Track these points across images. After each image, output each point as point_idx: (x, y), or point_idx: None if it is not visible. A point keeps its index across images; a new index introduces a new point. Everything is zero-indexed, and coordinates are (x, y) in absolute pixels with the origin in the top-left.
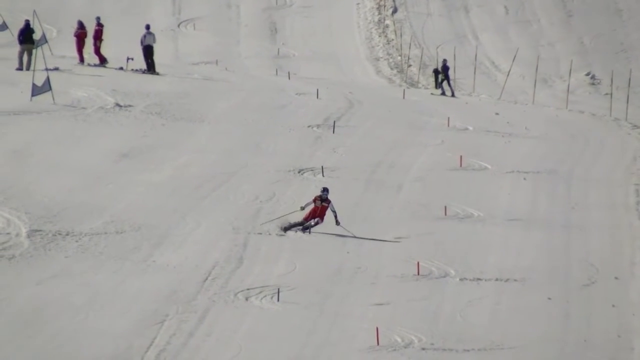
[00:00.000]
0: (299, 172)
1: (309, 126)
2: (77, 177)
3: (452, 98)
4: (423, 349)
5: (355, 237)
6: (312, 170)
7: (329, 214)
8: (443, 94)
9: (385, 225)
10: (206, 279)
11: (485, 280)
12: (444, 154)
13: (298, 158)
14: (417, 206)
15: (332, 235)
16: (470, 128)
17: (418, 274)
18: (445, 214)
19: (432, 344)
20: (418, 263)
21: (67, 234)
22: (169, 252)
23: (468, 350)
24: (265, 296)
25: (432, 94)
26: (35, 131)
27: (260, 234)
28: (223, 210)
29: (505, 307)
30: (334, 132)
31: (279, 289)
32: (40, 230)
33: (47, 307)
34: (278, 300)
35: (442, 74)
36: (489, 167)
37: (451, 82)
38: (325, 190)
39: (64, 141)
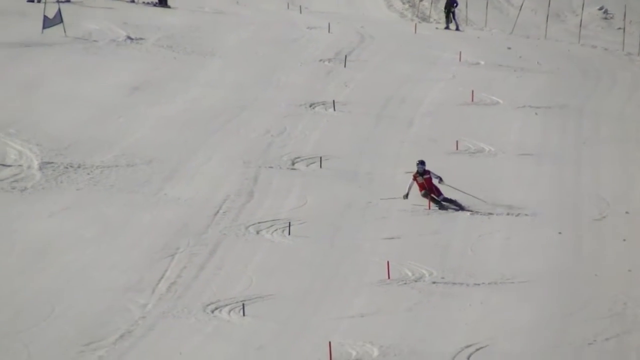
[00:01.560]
0: (310, 106)
1: (320, 60)
2: (88, 110)
3: (463, 33)
4: (434, 282)
5: (483, 201)
6: (323, 104)
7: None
8: (447, 27)
9: (396, 160)
10: (217, 212)
11: (496, 214)
12: (455, 88)
13: (309, 92)
14: (428, 141)
15: (343, 169)
16: (482, 63)
17: (429, 208)
18: (457, 148)
19: (443, 277)
20: (429, 197)
21: (79, 167)
22: (180, 186)
23: (478, 284)
24: (276, 230)
25: (436, 28)
26: (46, 64)
27: (272, 167)
28: (234, 144)
29: (516, 241)
30: (345, 66)
31: (289, 223)
32: (51, 163)
33: (59, 240)
34: (289, 234)
35: (448, 7)
36: (501, 101)
37: (456, 16)
38: (421, 162)
39: (75, 74)
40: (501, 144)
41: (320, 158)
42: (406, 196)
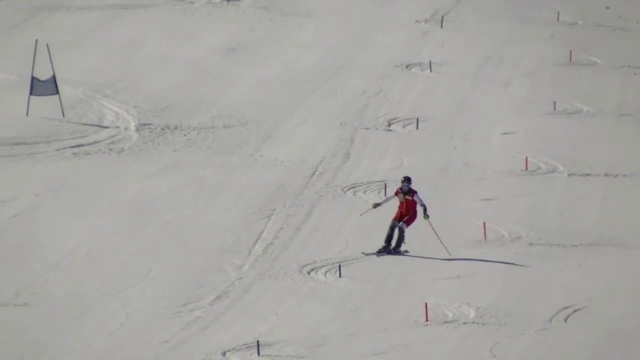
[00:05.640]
0: (406, 67)
1: (416, 21)
2: (185, 72)
3: None
4: (530, 244)
5: (448, 252)
6: (419, 65)
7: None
8: None
9: (493, 121)
10: (313, 173)
11: (594, 175)
12: (553, 48)
13: (406, 53)
14: (525, 101)
15: (439, 130)
16: (580, 22)
17: (526, 169)
18: (554, 109)
19: (540, 239)
20: (526, 158)
21: (175, 128)
22: (276, 147)
23: (576, 246)
24: (372, 191)
25: None
26: (143, 25)
27: (368, 128)
28: (330, 105)
29: (614, 202)
30: (441, 26)
31: (385, 184)
32: (148, 124)
33: (156, 201)
34: (385, 194)
35: None
36: (599, 61)
37: None
38: (406, 179)
39: (172, 35)
40: (599, 104)
41: (417, 119)
42: (377, 205)
